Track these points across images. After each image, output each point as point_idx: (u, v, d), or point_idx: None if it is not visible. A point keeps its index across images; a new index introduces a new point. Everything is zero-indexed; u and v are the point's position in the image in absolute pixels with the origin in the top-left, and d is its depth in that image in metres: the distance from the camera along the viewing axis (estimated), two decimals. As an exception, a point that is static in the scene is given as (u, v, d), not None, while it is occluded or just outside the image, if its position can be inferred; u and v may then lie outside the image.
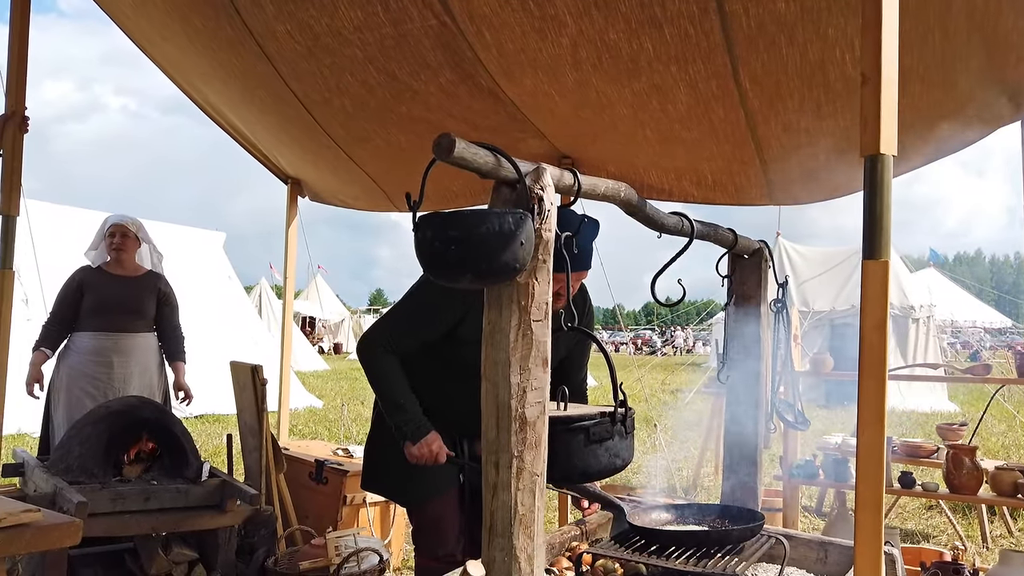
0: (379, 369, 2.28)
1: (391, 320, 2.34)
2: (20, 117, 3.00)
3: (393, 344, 2.28)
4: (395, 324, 2.32)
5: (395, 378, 2.26)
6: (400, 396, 2.25)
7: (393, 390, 2.26)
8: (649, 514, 1.94)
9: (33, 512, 1.50)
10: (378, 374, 2.29)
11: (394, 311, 2.37)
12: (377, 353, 2.29)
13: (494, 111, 3.37)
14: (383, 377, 2.28)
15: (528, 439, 1.25)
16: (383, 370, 2.27)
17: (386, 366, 2.27)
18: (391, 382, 2.26)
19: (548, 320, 1.28)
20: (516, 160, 1.26)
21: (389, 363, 2.27)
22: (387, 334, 2.31)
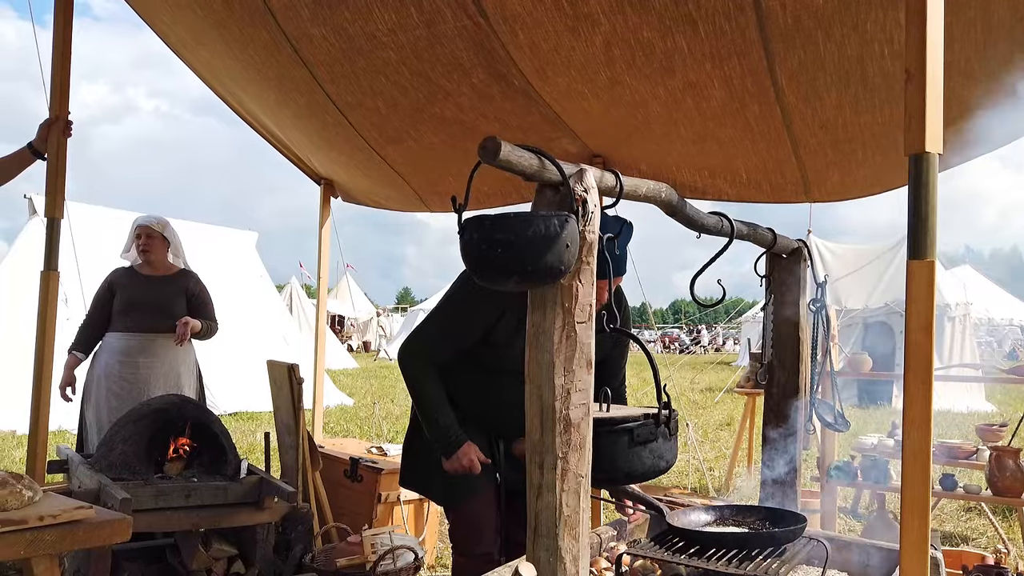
0: (417, 381, 2.32)
1: (428, 329, 2.37)
2: (64, 122, 3.07)
3: (432, 354, 2.31)
4: (432, 333, 2.35)
5: (432, 391, 2.30)
6: (435, 410, 2.28)
7: (429, 404, 2.30)
8: (688, 515, 1.94)
9: (85, 509, 1.54)
10: (416, 386, 2.33)
11: (430, 320, 2.39)
12: (416, 364, 2.32)
13: (527, 111, 3.37)
14: (420, 390, 2.32)
15: (572, 441, 1.26)
16: (421, 382, 2.31)
17: (424, 378, 2.30)
18: (428, 395, 2.30)
19: (592, 322, 1.29)
20: (560, 162, 1.26)
21: (427, 374, 2.30)
22: (425, 344, 2.33)
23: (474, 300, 2.28)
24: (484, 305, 2.26)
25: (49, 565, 1.53)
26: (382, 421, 8.42)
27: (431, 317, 2.40)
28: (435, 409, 2.28)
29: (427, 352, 2.31)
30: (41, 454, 2.96)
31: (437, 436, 2.28)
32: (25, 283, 8.03)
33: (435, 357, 2.31)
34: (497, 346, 2.29)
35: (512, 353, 2.29)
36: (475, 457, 2.27)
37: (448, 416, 2.27)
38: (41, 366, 2.99)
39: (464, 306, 2.31)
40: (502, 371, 2.35)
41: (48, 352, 3.01)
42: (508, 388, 2.38)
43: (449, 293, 2.40)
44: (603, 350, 2.43)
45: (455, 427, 2.28)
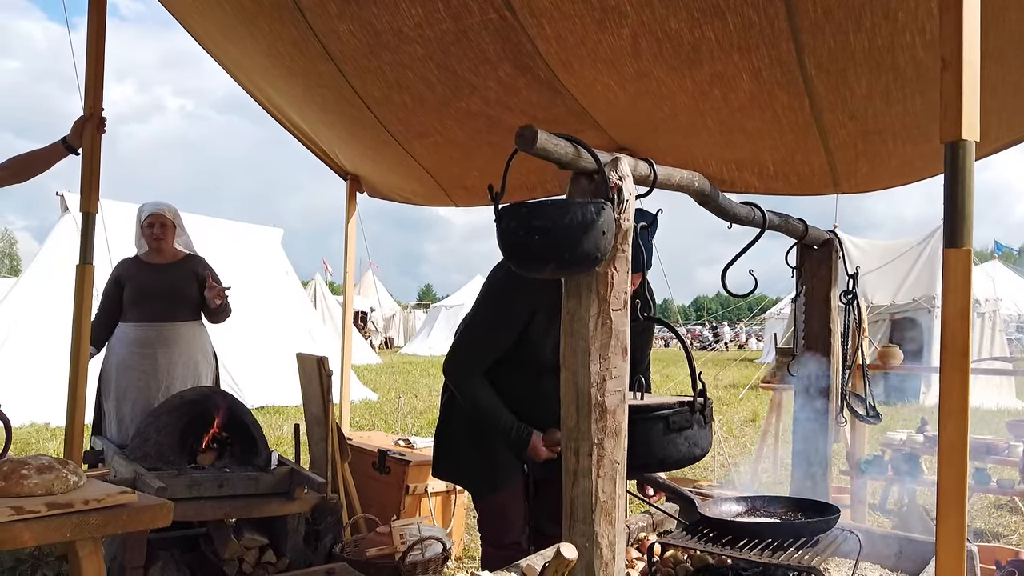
0: (469, 393, 2.36)
1: (469, 339, 2.39)
2: (98, 118, 3.12)
3: (477, 362, 2.35)
4: (473, 342, 2.38)
5: (486, 399, 2.33)
6: (493, 417, 2.33)
7: (487, 412, 2.34)
8: (719, 505, 1.94)
9: (129, 494, 1.58)
10: (470, 398, 2.36)
11: (469, 329, 2.41)
12: (464, 376, 2.36)
13: (552, 103, 3.38)
14: (475, 401, 2.35)
15: (608, 427, 1.27)
16: (473, 393, 2.35)
17: (475, 388, 2.34)
18: (483, 403, 2.34)
19: (627, 309, 1.29)
20: (595, 150, 1.27)
21: (477, 383, 2.34)
22: (469, 355, 2.37)
23: (507, 300, 2.31)
24: (517, 304, 2.28)
25: (93, 548, 1.57)
26: (406, 416, 8.48)
27: (469, 326, 2.42)
28: (493, 415, 2.32)
29: (472, 362, 2.35)
30: (77, 444, 3.02)
31: (507, 441, 2.32)
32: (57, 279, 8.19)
33: (481, 364, 2.35)
34: (531, 342, 2.31)
35: (546, 348, 2.31)
36: (541, 447, 2.30)
37: (507, 418, 2.31)
38: (77, 359, 3.05)
39: (499, 308, 2.33)
40: (537, 366, 2.37)
41: (84, 345, 3.07)
42: (543, 382, 2.39)
43: (481, 298, 2.42)
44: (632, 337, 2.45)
45: (516, 425, 2.31)
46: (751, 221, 1.86)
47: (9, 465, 1.51)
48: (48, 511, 1.45)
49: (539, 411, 2.40)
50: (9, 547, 1.39)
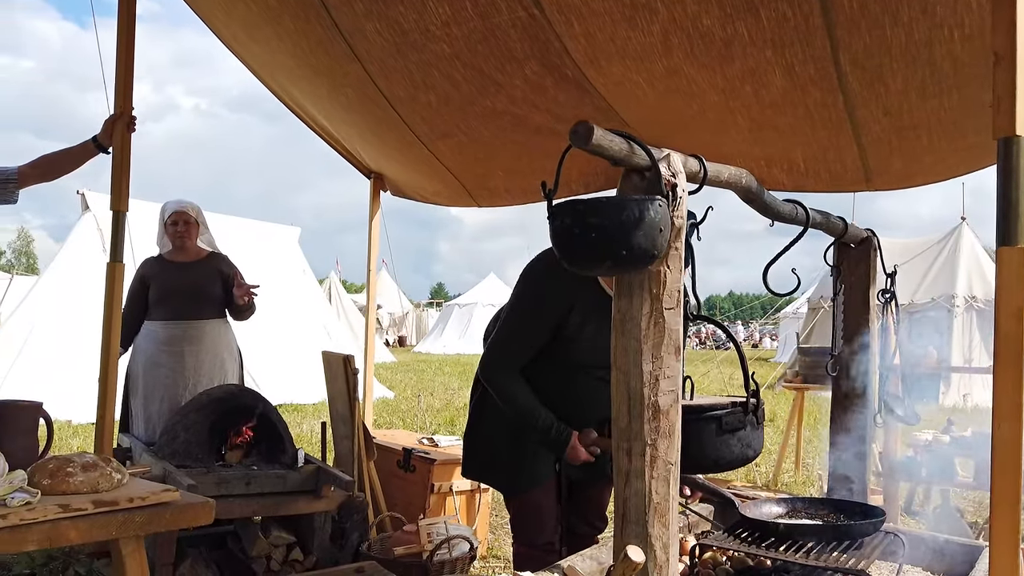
0: (506, 393, 2.34)
1: (504, 339, 2.37)
2: (128, 117, 3.14)
3: (513, 362, 2.33)
4: (509, 341, 2.36)
5: (523, 398, 2.31)
6: (532, 417, 2.30)
7: (525, 412, 2.31)
8: (760, 507, 1.91)
9: (172, 492, 1.58)
10: (506, 398, 2.34)
11: (504, 329, 2.39)
12: (501, 377, 2.34)
13: (579, 102, 3.35)
14: (512, 401, 2.33)
15: (661, 427, 1.25)
16: (511, 393, 2.33)
17: (512, 388, 2.32)
18: (520, 404, 2.31)
19: (680, 308, 1.27)
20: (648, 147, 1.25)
21: (514, 383, 2.32)
22: (505, 354, 2.35)
23: (543, 297, 2.29)
24: (553, 302, 2.27)
25: (136, 546, 1.57)
26: (425, 414, 8.49)
27: (504, 326, 2.39)
28: (531, 414, 2.29)
29: (508, 361, 2.33)
30: (107, 442, 3.03)
31: (543, 440, 2.30)
32: (78, 278, 8.26)
33: (517, 362, 2.33)
34: (566, 340, 2.29)
35: (581, 346, 2.29)
36: (581, 447, 2.29)
37: (546, 417, 2.29)
38: (108, 356, 3.06)
39: (533, 307, 2.32)
40: (571, 364, 2.35)
41: (114, 342, 3.08)
42: (577, 381, 2.38)
43: (516, 297, 2.40)
44: None
45: (556, 424, 2.29)
46: (793, 219, 1.83)
47: (55, 463, 1.51)
48: (94, 509, 1.45)
49: (574, 410, 2.39)
50: (56, 545, 1.40)
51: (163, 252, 3.89)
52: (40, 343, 8.09)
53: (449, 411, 9.38)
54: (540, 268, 2.37)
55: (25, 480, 1.44)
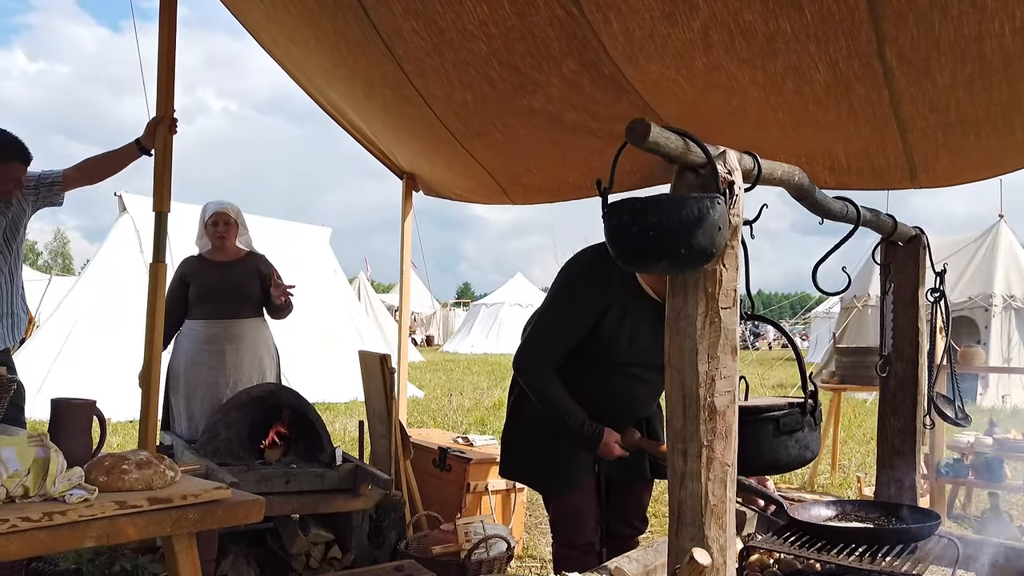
0: (540, 390, 2.33)
1: (540, 334, 2.36)
2: (170, 119, 3.19)
3: (547, 358, 2.32)
4: (544, 337, 2.35)
5: (557, 396, 2.30)
6: (565, 414, 2.29)
7: (557, 409, 2.30)
8: (810, 510, 1.88)
9: (223, 489, 1.60)
10: (540, 395, 2.34)
11: (540, 324, 2.38)
12: (535, 373, 2.33)
13: (616, 100, 3.33)
14: (545, 397, 2.32)
15: (718, 429, 1.23)
16: (544, 390, 2.32)
17: (546, 385, 2.31)
18: (554, 401, 2.31)
19: (736, 308, 1.26)
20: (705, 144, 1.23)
21: (548, 380, 2.31)
22: (540, 350, 2.34)
23: (580, 296, 2.28)
24: (590, 299, 2.25)
25: (189, 543, 1.59)
26: (456, 413, 8.51)
27: (540, 321, 2.39)
28: (564, 412, 2.29)
29: (543, 357, 2.32)
30: (151, 440, 3.08)
31: (578, 437, 2.29)
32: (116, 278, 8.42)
33: (551, 360, 2.32)
34: (603, 338, 2.28)
35: (617, 345, 2.28)
36: (615, 444, 2.28)
37: (578, 414, 2.28)
38: (151, 355, 3.12)
39: (571, 303, 2.30)
40: (607, 363, 2.34)
41: (157, 342, 3.13)
42: (613, 379, 2.36)
43: (553, 293, 2.39)
44: None
45: (587, 422, 2.28)
46: (844, 216, 1.80)
47: (110, 460, 1.53)
48: (150, 506, 1.47)
49: (610, 408, 2.37)
50: (114, 541, 1.42)
51: (203, 251, 3.94)
52: (78, 343, 8.26)
53: (479, 411, 9.40)
54: (578, 266, 2.36)
55: (83, 477, 1.47)
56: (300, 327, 8.75)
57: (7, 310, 3.03)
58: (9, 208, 3.08)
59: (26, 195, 3.17)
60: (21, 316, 3.12)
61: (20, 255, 3.14)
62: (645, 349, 2.31)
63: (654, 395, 2.50)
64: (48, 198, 3.25)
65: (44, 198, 3.24)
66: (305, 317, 9.11)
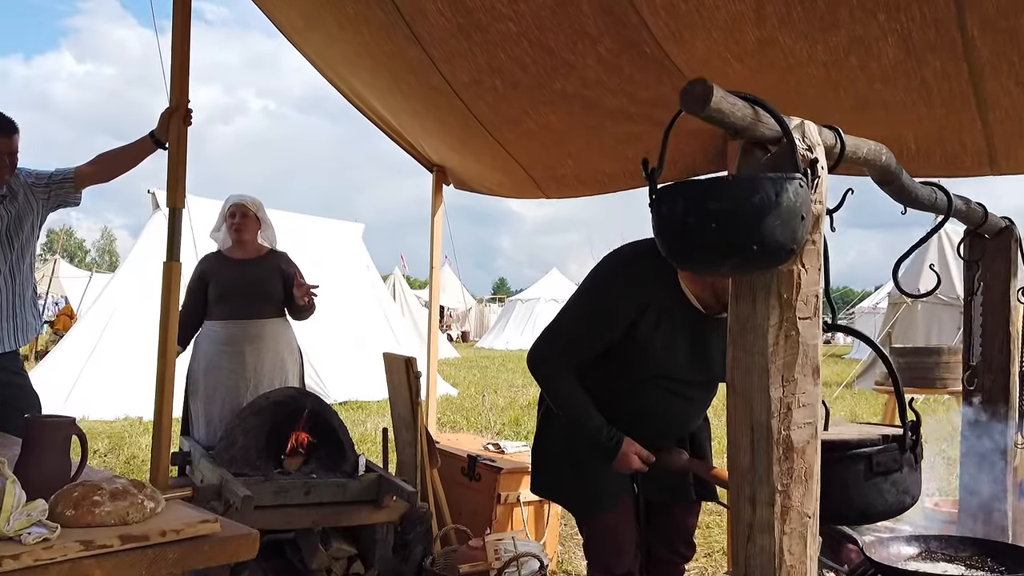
0: (554, 390, 2.10)
1: (560, 330, 2.11)
2: (184, 110, 3.01)
3: (567, 357, 2.07)
4: (566, 335, 2.09)
5: (573, 397, 2.06)
6: (581, 417, 2.05)
7: (573, 412, 2.07)
8: (888, 547, 1.61)
9: (211, 523, 1.40)
10: (554, 395, 2.10)
11: (563, 320, 2.13)
12: (550, 371, 2.09)
13: (657, 82, 3.07)
14: (560, 399, 2.09)
15: (795, 470, 0.98)
16: (559, 391, 2.08)
17: (561, 385, 2.07)
18: (569, 402, 2.07)
19: (818, 318, 1.01)
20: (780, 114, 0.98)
21: (564, 380, 2.06)
22: (558, 347, 2.09)
23: (613, 296, 2.02)
24: (624, 300, 2.00)
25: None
26: (489, 413, 8.31)
27: (563, 317, 2.13)
28: (581, 415, 2.05)
29: (560, 356, 2.08)
30: (165, 446, 2.92)
31: (595, 444, 2.05)
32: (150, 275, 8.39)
33: (571, 358, 2.07)
34: (635, 345, 2.02)
35: (650, 353, 2.03)
36: (634, 455, 2.03)
37: (595, 419, 2.04)
38: (165, 357, 2.96)
39: (602, 303, 2.04)
40: (638, 374, 2.08)
41: (171, 344, 2.98)
42: (645, 393, 2.11)
43: (582, 291, 2.13)
44: None
45: (605, 428, 2.03)
46: (932, 205, 1.53)
47: (80, 491, 1.34)
48: (121, 545, 1.27)
49: (645, 425, 2.12)
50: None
51: (222, 248, 3.79)
52: (114, 339, 8.26)
53: (514, 409, 9.19)
54: (612, 263, 2.11)
55: (45, 512, 1.28)
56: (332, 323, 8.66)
57: (7, 312, 2.89)
58: (14, 205, 2.94)
59: (36, 192, 3.03)
60: (29, 321, 2.98)
61: (26, 256, 2.98)
62: (683, 363, 2.06)
63: (696, 413, 2.24)
64: (61, 196, 3.11)
65: (56, 196, 3.09)
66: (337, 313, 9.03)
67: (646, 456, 2.03)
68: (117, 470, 5.46)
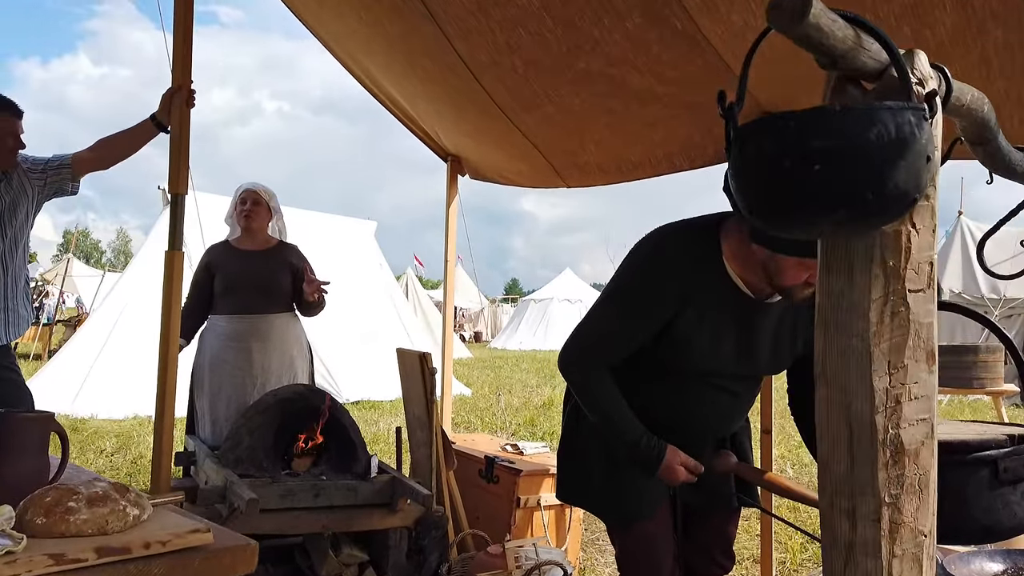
0: (589, 393, 1.89)
1: (594, 328, 1.91)
2: (187, 91, 2.86)
3: (601, 357, 1.86)
4: (600, 332, 1.89)
5: (609, 402, 1.86)
6: (618, 424, 1.85)
7: (609, 418, 1.87)
8: (968, 563, 1.42)
9: (202, 533, 1.22)
10: (588, 399, 1.90)
11: (596, 316, 1.92)
12: (583, 372, 1.89)
13: (688, 60, 2.88)
14: (594, 403, 1.89)
15: (907, 478, 0.80)
16: (594, 394, 1.88)
17: (596, 388, 1.87)
18: (604, 408, 1.87)
19: (933, 291, 0.82)
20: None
21: (599, 382, 1.86)
22: (593, 346, 1.88)
23: (650, 284, 1.81)
24: (664, 290, 1.79)
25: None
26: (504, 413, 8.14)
27: (596, 313, 1.92)
28: (617, 423, 1.85)
29: (595, 353, 1.87)
30: (167, 445, 2.76)
31: (631, 455, 1.86)
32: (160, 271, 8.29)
33: (606, 357, 1.87)
34: (676, 341, 1.82)
35: (695, 349, 1.83)
36: (679, 466, 1.83)
37: (635, 428, 1.84)
38: (167, 352, 2.80)
39: (638, 294, 1.83)
40: (681, 370, 1.89)
41: (173, 337, 2.82)
42: (690, 391, 1.92)
43: (616, 282, 1.91)
44: (808, 338, 1.93)
45: (646, 436, 1.83)
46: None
47: (54, 495, 1.17)
48: (98, 558, 1.10)
49: (685, 426, 1.93)
50: (49, 606, 1.05)
51: (230, 238, 3.64)
52: (122, 336, 8.15)
53: (528, 410, 9.00)
54: (648, 248, 1.89)
55: (12, 519, 1.11)
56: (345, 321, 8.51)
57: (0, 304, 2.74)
58: (9, 191, 2.79)
59: (32, 179, 2.89)
60: (22, 314, 2.83)
61: (19, 245, 2.83)
62: (729, 356, 1.86)
63: (741, 410, 2.05)
64: (57, 183, 2.96)
65: (52, 183, 2.95)
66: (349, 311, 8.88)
67: (693, 466, 1.84)
68: (123, 471, 5.32)
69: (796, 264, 1.65)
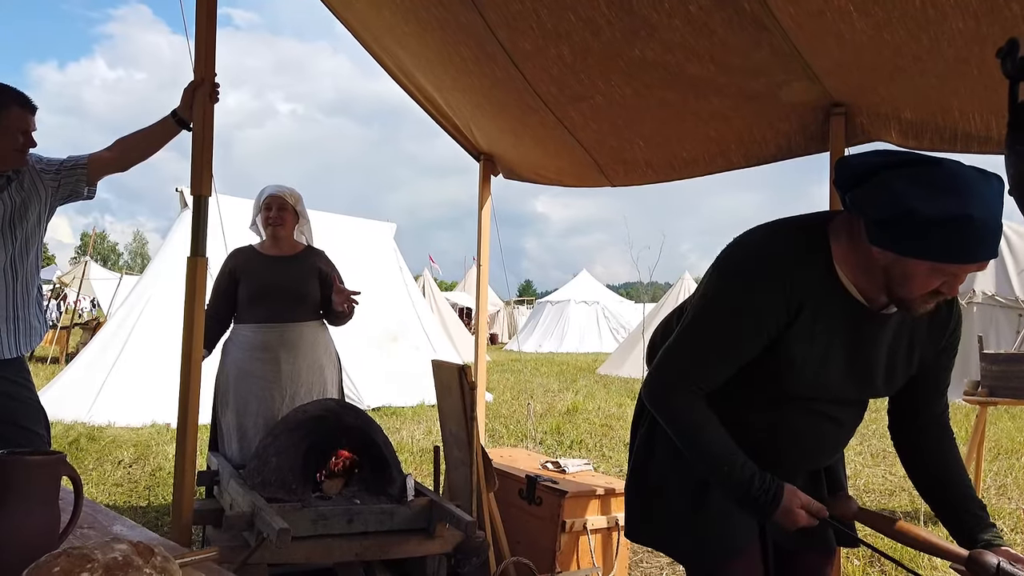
0: (688, 431, 1.61)
1: (689, 351, 1.63)
2: (210, 84, 2.64)
3: (697, 389, 1.60)
4: (697, 355, 1.61)
5: (712, 436, 1.58)
6: (723, 461, 1.57)
7: (711, 455, 1.59)
8: None
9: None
10: (685, 432, 1.62)
11: (689, 336, 1.63)
12: (679, 402, 1.61)
13: (754, 46, 2.64)
14: (694, 437, 1.61)
15: None
16: (694, 427, 1.60)
17: (695, 419, 1.59)
18: (706, 443, 1.59)
19: None
20: None
21: (697, 414, 1.59)
22: (689, 372, 1.60)
23: (752, 296, 1.54)
24: (768, 303, 1.53)
25: None
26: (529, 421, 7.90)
27: (688, 333, 1.63)
28: (723, 459, 1.58)
29: (690, 385, 1.60)
30: (190, 464, 2.54)
31: (737, 495, 1.59)
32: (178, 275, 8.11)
33: (704, 385, 1.60)
34: (781, 357, 1.56)
35: (801, 367, 1.57)
36: (800, 508, 1.57)
37: (744, 466, 1.57)
38: (189, 362, 2.59)
39: (737, 308, 1.56)
40: (779, 394, 1.64)
41: (197, 346, 2.61)
42: (790, 418, 1.66)
43: (709, 297, 1.62)
44: (918, 360, 1.68)
45: (758, 475, 1.57)
46: None
47: (64, 564, 0.95)
48: (117, 649, 0.87)
49: (779, 458, 1.68)
50: None
51: (256, 244, 3.42)
52: (140, 342, 7.98)
53: (553, 416, 8.75)
54: (753, 250, 1.61)
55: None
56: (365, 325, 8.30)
57: (9, 313, 2.54)
58: (20, 191, 2.59)
59: (45, 180, 2.68)
60: (34, 324, 2.62)
61: (30, 250, 2.63)
62: (837, 378, 1.59)
63: (844, 439, 1.78)
64: (70, 186, 2.75)
65: (66, 185, 2.74)
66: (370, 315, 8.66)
67: (817, 509, 1.58)
68: (142, 484, 5.13)
69: (929, 270, 1.40)
